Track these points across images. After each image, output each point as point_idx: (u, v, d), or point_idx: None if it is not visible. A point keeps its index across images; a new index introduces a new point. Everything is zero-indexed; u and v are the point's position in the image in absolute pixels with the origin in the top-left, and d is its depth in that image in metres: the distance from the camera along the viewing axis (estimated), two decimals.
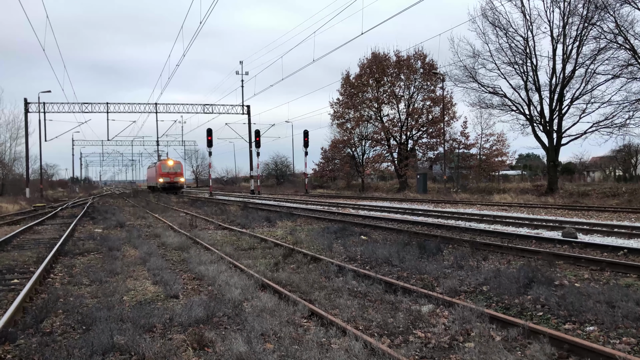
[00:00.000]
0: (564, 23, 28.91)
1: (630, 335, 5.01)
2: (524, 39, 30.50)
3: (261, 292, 6.95)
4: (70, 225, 17.59)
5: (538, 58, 30.61)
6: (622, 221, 15.73)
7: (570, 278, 7.50)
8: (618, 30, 25.46)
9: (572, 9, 28.42)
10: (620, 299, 5.85)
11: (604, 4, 25.79)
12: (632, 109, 26.94)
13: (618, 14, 25.40)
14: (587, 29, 27.82)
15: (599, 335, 5.09)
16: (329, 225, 15.46)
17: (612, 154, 51.61)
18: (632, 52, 25.31)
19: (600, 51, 27.41)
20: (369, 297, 6.75)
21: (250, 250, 11.36)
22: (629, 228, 13.46)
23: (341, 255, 10.29)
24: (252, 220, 17.86)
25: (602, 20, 26.41)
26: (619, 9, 25.27)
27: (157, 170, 56.85)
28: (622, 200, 24.68)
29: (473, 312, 5.53)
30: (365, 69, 47.15)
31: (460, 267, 8.41)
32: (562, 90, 29.85)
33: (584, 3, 27.51)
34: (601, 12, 26.19)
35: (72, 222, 19.35)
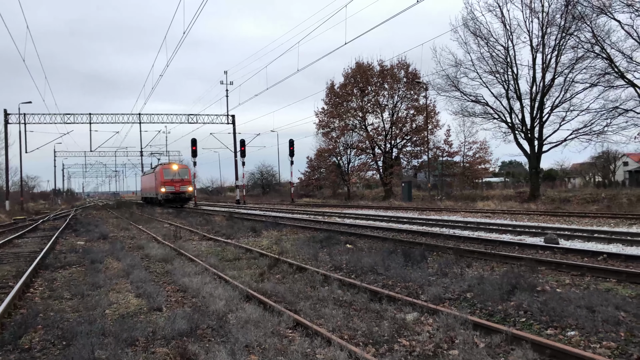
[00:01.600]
0: (543, 33, 29.46)
1: (610, 339, 5.08)
2: (505, 48, 31.00)
3: (246, 303, 6.91)
4: (51, 238, 17.33)
5: (518, 67, 31.14)
6: (601, 226, 15.98)
7: (552, 283, 7.59)
8: (595, 40, 26.01)
9: (550, 19, 28.99)
10: (600, 304, 5.94)
11: (581, 15, 26.34)
12: (610, 117, 27.47)
13: (595, 24, 25.98)
14: (565, 39, 28.37)
15: (579, 340, 5.15)
16: (315, 235, 15.45)
17: (592, 160, 52.66)
18: (609, 61, 25.84)
19: (578, 60, 27.95)
20: (354, 306, 6.75)
21: (236, 260, 11.30)
22: (608, 233, 13.68)
23: (327, 264, 10.28)
24: (237, 231, 17.76)
25: (580, 30, 26.97)
26: (595, 19, 25.85)
27: (157, 178, 44.99)
28: (602, 206, 25.07)
29: (457, 320, 5.56)
30: (349, 78, 47.46)
31: (444, 274, 8.46)
32: (542, 98, 30.34)
33: (562, 14, 28.09)
34: (578, 22, 26.75)
35: (53, 234, 19.07)
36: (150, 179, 50.13)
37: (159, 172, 44.95)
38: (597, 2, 25.24)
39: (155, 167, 49.37)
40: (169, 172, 44.05)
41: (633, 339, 5.05)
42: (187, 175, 44.73)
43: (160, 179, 43.97)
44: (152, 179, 48.39)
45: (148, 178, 53.30)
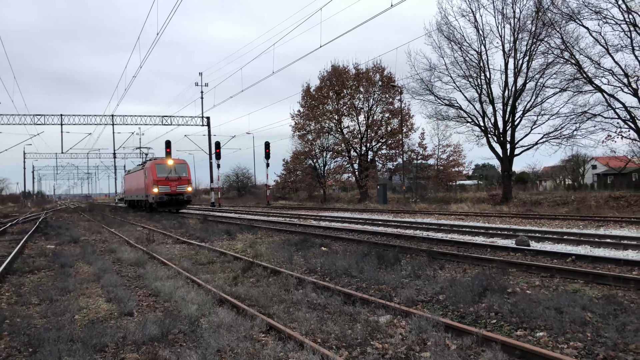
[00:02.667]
0: (515, 38, 30.05)
1: (577, 339, 5.20)
2: (478, 53, 31.52)
3: (219, 308, 6.85)
4: (20, 242, 16.88)
5: (491, 71, 31.70)
6: (571, 228, 16.35)
7: (522, 285, 7.73)
8: (564, 46, 26.66)
9: (521, 25, 29.61)
10: (568, 305, 6.07)
11: (550, 21, 26.97)
12: (579, 121, 28.17)
13: (564, 30, 26.63)
14: (536, 45, 29.01)
15: (548, 341, 5.26)
16: (290, 237, 15.42)
17: (562, 163, 53.91)
18: (578, 67, 26.51)
19: (548, 66, 28.61)
20: (328, 309, 6.75)
21: (209, 264, 11.19)
22: (577, 235, 14.01)
23: (301, 267, 10.26)
24: (211, 234, 17.61)
25: (550, 36, 27.62)
26: (564, 26, 26.49)
27: (148, 176, 36.27)
28: (571, 208, 25.67)
29: (429, 322, 5.62)
30: (325, 81, 47.59)
31: (417, 276, 8.54)
32: (514, 102, 30.93)
33: (533, 20, 28.71)
34: (548, 28, 27.38)
35: (22, 238, 18.57)
36: (138, 178, 40.38)
37: (150, 168, 35.83)
38: (566, 9, 25.90)
39: (145, 163, 40.45)
40: (163, 168, 35.54)
41: (599, 339, 5.17)
42: (185, 172, 36.06)
43: (151, 177, 35.07)
44: (141, 178, 39.00)
45: (135, 177, 43.14)
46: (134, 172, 44.60)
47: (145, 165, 39.16)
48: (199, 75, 78.89)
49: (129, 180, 48.34)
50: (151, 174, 35.58)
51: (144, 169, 38.38)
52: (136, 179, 42.21)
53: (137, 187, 41.87)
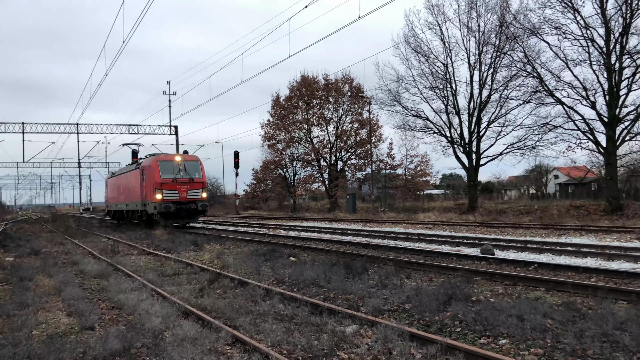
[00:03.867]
0: (479, 51, 30.80)
1: (538, 346, 5.32)
2: (444, 65, 32.15)
3: (184, 320, 6.75)
4: None
5: (457, 83, 32.33)
6: (534, 237, 16.76)
7: (486, 293, 7.88)
8: (526, 59, 27.43)
9: (486, 38, 30.38)
10: (529, 312, 6.21)
11: (513, 35, 27.76)
12: (541, 132, 28.96)
13: (526, 44, 27.42)
14: (500, 58, 29.77)
15: (510, 348, 5.37)
16: (259, 248, 15.32)
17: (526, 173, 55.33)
18: (539, 80, 27.32)
19: (511, 78, 29.37)
20: (295, 320, 6.73)
21: (175, 276, 11.01)
22: (539, 243, 14.37)
23: (269, 278, 10.20)
24: (178, 245, 17.34)
25: (513, 50, 28.39)
26: (526, 40, 27.29)
27: (147, 177, 27.23)
28: (535, 217, 26.32)
29: (395, 331, 5.66)
30: (295, 91, 47.70)
31: (384, 286, 8.60)
32: (479, 114, 31.62)
33: (496, 34, 29.49)
34: (511, 42, 28.17)
35: None
36: (130, 182, 30.95)
37: (150, 167, 26.71)
38: (528, 24, 26.70)
39: (140, 161, 30.64)
40: (169, 166, 26.64)
41: (558, 345, 5.31)
42: (198, 172, 27.41)
43: (153, 178, 26.25)
44: (135, 181, 29.67)
45: (124, 181, 32.93)
46: (123, 174, 33.38)
47: (141, 163, 28.84)
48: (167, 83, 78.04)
49: (114, 185, 36.56)
50: (152, 174, 26.23)
51: (139, 168, 28.35)
52: (126, 183, 32.00)
53: (128, 194, 31.69)
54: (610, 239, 15.43)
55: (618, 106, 24.59)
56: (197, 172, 27.43)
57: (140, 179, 28.23)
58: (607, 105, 24.85)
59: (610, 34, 24.32)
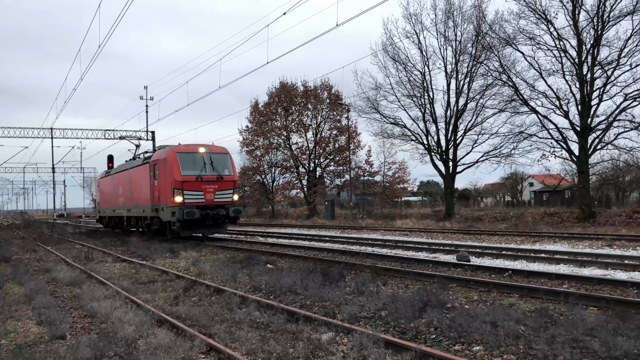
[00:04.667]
0: (456, 60, 31.26)
1: (511, 352, 5.39)
2: (422, 73, 32.52)
3: (158, 328, 6.65)
4: None
5: (434, 91, 32.72)
6: (509, 244, 17.00)
7: (461, 300, 7.95)
8: (502, 69, 27.93)
9: (462, 48, 30.86)
10: (502, 319, 6.29)
11: (489, 45, 28.26)
12: (516, 141, 29.48)
13: (501, 54, 27.93)
14: (476, 67, 30.26)
15: (484, 354, 5.42)
16: (236, 255, 15.22)
17: (502, 181, 56.19)
18: (514, 89, 27.83)
19: (487, 87, 29.86)
20: (271, 328, 6.69)
21: (150, 283, 10.85)
22: (514, 250, 14.59)
23: (246, 285, 10.13)
24: (154, 252, 17.11)
25: (489, 59, 28.88)
26: (502, 49, 27.80)
27: (162, 174, 21.47)
28: (510, 224, 26.71)
29: (370, 338, 5.67)
30: (274, 97, 47.66)
31: (361, 293, 8.62)
32: (456, 122, 32.04)
33: (473, 43, 29.99)
34: (487, 52, 28.66)
35: None
36: (133, 181, 25.14)
37: (166, 161, 20.86)
38: (503, 34, 27.22)
39: (147, 155, 24.85)
40: (191, 160, 21.05)
41: (530, 351, 5.38)
42: (229, 169, 21.88)
43: (170, 176, 20.55)
44: (142, 180, 23.73)
45: (124, 180, 26.89)
46: (123, 171, 27.06)
47: (151, 157, 23.14)
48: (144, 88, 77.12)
49: (110, 186, 29.75)
50: (170, 171, 20.58)
51: (149, 163, 22.67)
52: (128, 182, 25.89)
53: (130, 197, 25.64)
54: (583, 246, 15.75)
55: (590, 116, 25.18)
56: (226, 168, 21.66)
57: (151, 177, 22.25)
58: (580, 115, 25.44)
59: (582, 45, 24.93)
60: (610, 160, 29.96)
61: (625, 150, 25.71)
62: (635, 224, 22.79)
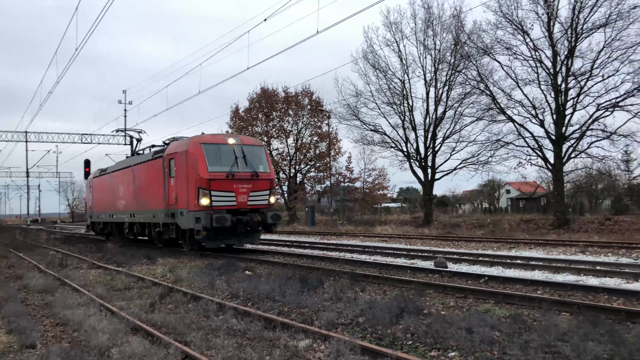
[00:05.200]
0: (435, 69, 31.66)
1: (485, 358, 5.45)
2: (401, 81, 32.84)
3: (133, 336, 6.56)
4: None
5: (414, 99, 33.07)
6: (486, 250, 17.21)
7: (438, 306, 8.02)
8: (480, 78, 28.40)
9: (441, 57, 31.29)
10: (478, 325, 6.36)
11: (467, 54, 28.72)
12: (493, 148, 29.97)
13: (479, 63, 28.41)
14: (455, 76, 30.71)
15: None
16: (214, 261, 15.09)
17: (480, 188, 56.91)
18: (492, 98, 28.31)
19: (466, 96, 30.32)
20: (248, 335, 6.65)
21: (126, 290, 10.69)
22: (491, 256, 14.77)
23: (224, 292, 10.05)
24: (130, 258, 16.86)
25: (467, 68, 29.33)
26: (480, 59, 28.27)
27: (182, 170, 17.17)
28: (487, 231, 27.06)
29: (347, 345, 5.67)
30: (254, 103, 47.57)
31: (339, 299, 8.62)
32: (434, 129, 32.40)
33: (452, 52, 30.43)
34: (465, 61, 29.12)
35: None
36: (140, 180, 21.14)
37: (188, 154, 17.06)
38: (481, 44, 27.69)
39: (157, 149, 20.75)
40: (219, 153, 17.26)
41: (504, 357, 5.45)
42: (263, 165, 18.14)
43: (193, 172, 16.80)
44: (150, 179, 19.98)
45: (125, 179, 22.81)
46: (125, 168, 22.70)
47: (165, 149, 18.91)
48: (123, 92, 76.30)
49: (107, 186, 25.34)
50: (193, 165, 16.66)
51: (163, 157, 18.52)
52: (132, 182, 21.68)
53: (134, 199, 21.36)
54: (557, 252, 16.04)
55: (564, 125, 25.72)
56: (261, 164, 17.69)
57: (165, 175, 18.09)
58: (555, 124, 25.96)
59: (556, 56, 25.50)
60: (584, 169, 30.59)
61: (597, 158, 26.33)
62: (607, 231, 23.30)
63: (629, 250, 15.69)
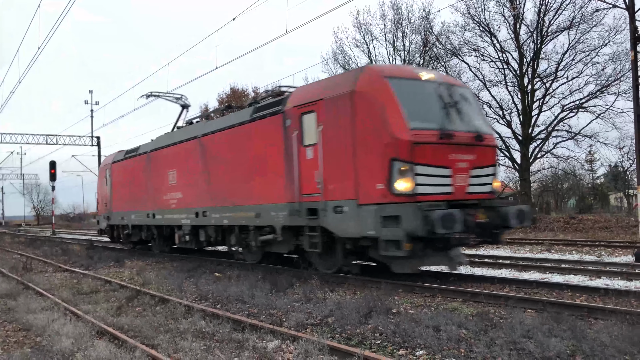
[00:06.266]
0: None
1: (452, 356, 5.53)
2: None
3: (98, 340, 6.43)
4: None
5: None
6: None
7: (406, 305, 8.10)
8: None
9: (410, 57, 31.62)
10: (445, 323, 6.44)
11: (436, 56, 29.17)
12: None
13: (448, 64, 28.89)
14: None
15: (427, 359, 5.54)
16: (184, 263, 14.91)
17: None
18: None
19: None
20: (216, 337, 6.59)
21: (92, 293, 10.48)
22: None
23: (193, 294, 9.94)
24: (97, 261, 16.53)
25: (436, 69, 29.73)
26: (448, 60, 28.78)
27: (338, 131, 9.50)
28: None
29: (315, 345, 5.68)
30: (224, 102, 47.22)
31: (308, 300, 8.61)
32: None
33: (421, 53, 30.83)
34: (434, 62, 29.55)
35: None
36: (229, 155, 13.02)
37: (361, 96, 9.20)
38: (450, 45, 28.15)
39: (271, 101, 12.70)
40: (420, 93, 9.42)
41: (471, 354, 5.54)
42: (484, 122, 10.63)
43: (381, 130, 8.89)
44: (261, 152, 11.88)
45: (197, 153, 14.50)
46: (194, 139, 14.79)
47: (292, 98, 11.28)
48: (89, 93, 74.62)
49: (145, 172, 17.82)
50: (372, 117, 9.16)
51: (287, 111, 11.10)
52: (205, 161, 14.21)
53: (216, 188, 13.79)
54: (524, 251, 16.41)
55: (531, 126, 26.36)
56: (481, 119, 10.57)
57: (290, 143, 10.95)
58: (521, 125, 26.57)
59: (523, 58, 26.11)
60: (550, 169, 31.39)
61: (563, 158, 27.07)
62: (572, 229, 23.94)
63: (592, 248, 16.17)
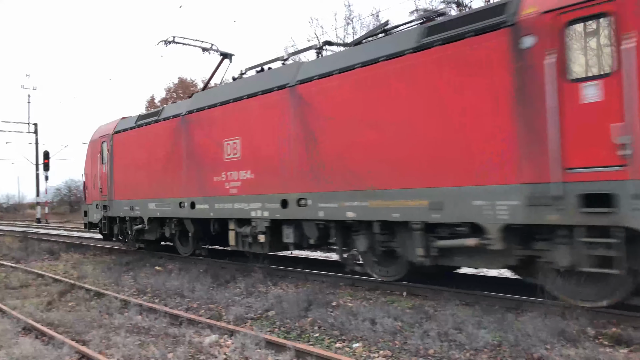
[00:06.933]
0: None
1: (387, 348, 5.65)
2: None
3: (24, 337, 6.14)
4: None
5: None
6: None
7: (346, 299, 8.20)
8: None
9: None
10: (382, 316, 6.57)
11: None
12: None
13: None
14: None
15: (362, 351, 5.63)
16: (123, 257, 14.46)
17: None
18: None
19: None
20: (152, 332, 6.45)
21: (22, 288, 10.01)
22: None
23: (130, 288, 9.69)
24: (30, 253, 15.77)
25: None
26: None
27: None
28: None
29: (252, 339, 5.66)
30: (171, 92, 46.14)
31: (250, 293, 8.58)
32: None
33: None
34: None
35: None
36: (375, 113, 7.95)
37: None
38: None
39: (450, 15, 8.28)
40: None
41: (405, 346, 5.68)
42: None
43: None
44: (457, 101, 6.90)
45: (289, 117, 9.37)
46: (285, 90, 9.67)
47: None
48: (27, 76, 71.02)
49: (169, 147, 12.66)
50: None
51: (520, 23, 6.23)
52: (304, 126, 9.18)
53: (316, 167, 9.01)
54: None
55: None
56: None
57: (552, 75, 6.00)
58: None
59: None
60: None
61: None
62: None
63: None
